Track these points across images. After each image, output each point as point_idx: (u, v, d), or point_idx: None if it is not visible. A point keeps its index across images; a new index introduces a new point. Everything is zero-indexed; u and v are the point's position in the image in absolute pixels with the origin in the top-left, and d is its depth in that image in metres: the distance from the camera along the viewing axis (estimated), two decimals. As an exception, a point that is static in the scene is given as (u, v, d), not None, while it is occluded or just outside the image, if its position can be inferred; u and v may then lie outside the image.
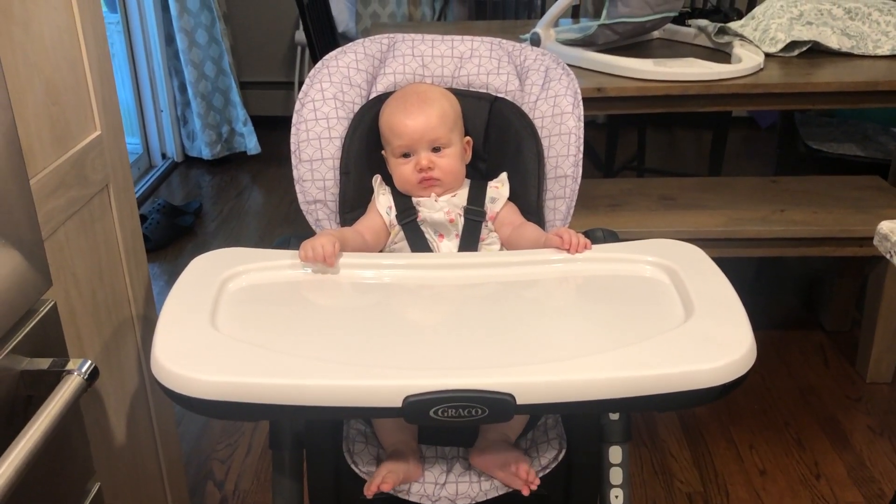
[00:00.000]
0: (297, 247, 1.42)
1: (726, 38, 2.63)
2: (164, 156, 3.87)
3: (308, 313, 1.21)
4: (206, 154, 3.82)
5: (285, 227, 3.30)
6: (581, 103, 1.50)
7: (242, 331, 1.13)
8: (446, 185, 1.48)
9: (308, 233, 1.50)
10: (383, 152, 1.53)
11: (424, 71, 1.59)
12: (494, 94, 1.57)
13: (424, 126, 1.44)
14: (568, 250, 1.31)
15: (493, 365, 1.02)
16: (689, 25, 2.80)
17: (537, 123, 1.51)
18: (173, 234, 3.25)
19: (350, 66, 1.55)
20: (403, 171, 1.47)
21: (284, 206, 3.45)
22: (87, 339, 1.53)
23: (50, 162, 1.41)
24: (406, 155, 1.47)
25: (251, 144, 3.84)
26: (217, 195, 3.71)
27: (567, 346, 1.09)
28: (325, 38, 2.99)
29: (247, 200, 3.63)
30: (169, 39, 3.69)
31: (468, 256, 1.37)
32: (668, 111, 2.54)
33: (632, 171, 3.49)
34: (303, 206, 1.50)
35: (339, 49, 1.57)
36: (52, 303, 1.19)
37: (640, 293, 1.23)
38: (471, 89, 1.58)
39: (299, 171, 1.50)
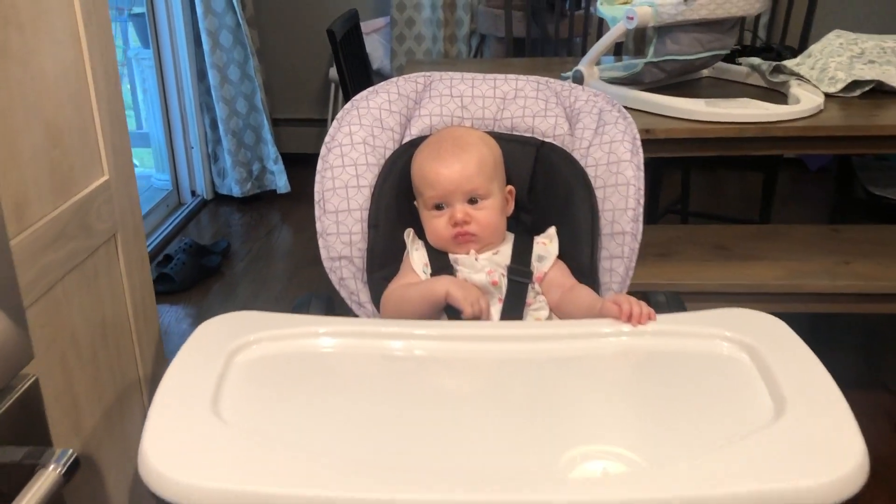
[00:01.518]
0: (318, 308, 1.25)
1: (782, 78, 2.43)
2: (193, 193, 3.74)
3: (326, 395, 1.03)
4: (236, 192, 3.68)
5: (313, 269, 3.12)
6: (640, 150, 1.31)
7: (249, 418, 0.95)
8: (484, 241, 1.30)
9: (331, 291, 1.33)
10: (416, 202, 1.35)
11: (464, 113, 1.41)
12: (541, 138, 1.39)
13: (460, 175, 1.26)
14: (628, 321, 1.12)
15: (535, 477, 0.83)
16: (740, 63, 2.61)
17: (590, 172, 1.33)
18: (199, 275, 3.09)
19: (382, 107, 1.38)
20: (436, 224, 1.29)
21: (313, 247, 3.27)
22: (86, 406, 1.36)
23: (48, 211, 1.25)
24: (439, 207, 1.30)
25: (281, 183, 3.70)
26: (246, 234, 3.56)
27: (627, 446, 0.89)
28: (358, 76, 2.84)
29: (276, 240, 3.48)
30: (201, 75, 3.58)
31: (512, 327, 1.18)
32: (721, 155, 2.35)
33: (675, 215, 3.29)
34: (326, 263, 1.32)
35: (370, 89, 1.40)
36: (33, 378, 1.02)
37: (716, 378, 1.04)
38: (515, 133, 1.40)
39: (323, 223, 1.32)
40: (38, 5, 1.23)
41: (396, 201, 1.35)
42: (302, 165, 3.83)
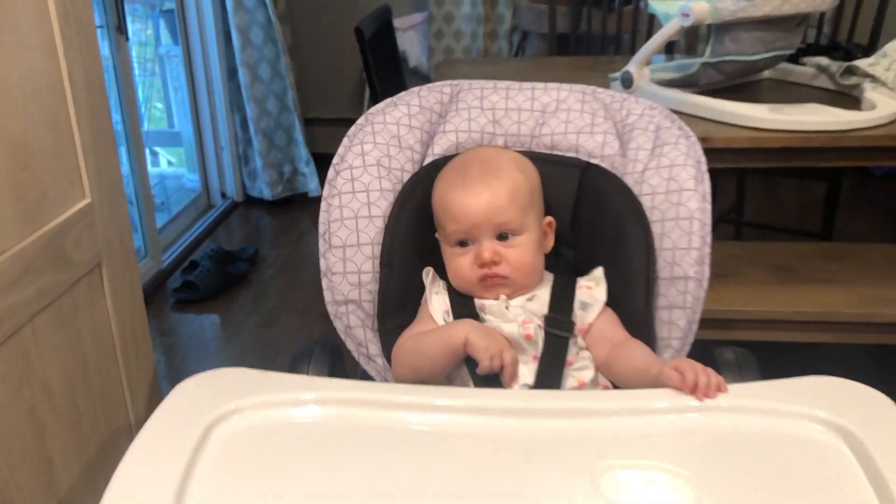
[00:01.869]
0: (321, 361, 1.04)
1: (854, 80, 2.17)
2: (223, 195, 3.57)
3: (320, 485, 0.82)
4: (266, 194, 3.51)
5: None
6: (707, 177, 1.08)
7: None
8: (517, 285, 1.08)
9: (336, 338, 1.12)
10: (437, 235, 1.13)
11: (496, 128, 1.19)
12: (587, 159, 1.17)
13: (488, 206, 1.05)
14: (692, 393, 0.89)
15: None
16: (805, 64, 2.34)
17: (646, 202, 1.10)
18: (225, 283, 2.91)
19: (401, 121, 1.17)
20: (460, 264, 1.08)
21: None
22: (62, 463, 1.18)
23: (12, 244, 1.06)
24: (464, 243, 1.08)
25: (313, 185, 3.51)
26: (276, 239, 3.38)
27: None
28: (390, 76, 2.64)
29: (306, 246, 3.29)
30: (231, 73, 3.40)
31: (548, 398, 0.95)
32: (786, 166, 2.10)
33: (727, 225, 3.02)
34: (330, 308, 1.11)
35: (388, 101, 1.19)
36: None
37: (806, 471, 0.81)
38: (555, 152, 1.18)
39: (328, 259, 1.12)
40: (1, 5, 1.04)
41: (415, 235, 1.14)
42: (335, 167, 3.66)
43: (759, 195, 3.54)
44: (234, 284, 2.94)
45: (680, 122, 1.15)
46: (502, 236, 1.07)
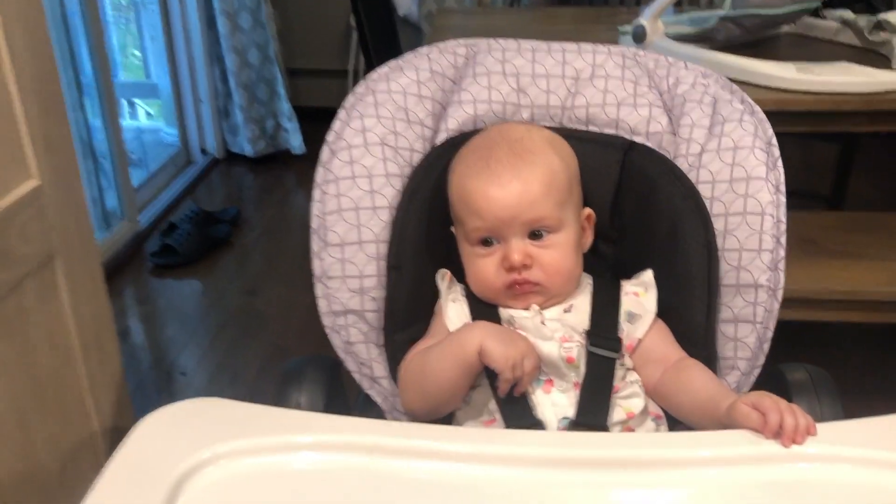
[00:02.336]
0: (316, 381, 0.85)
1: (884, 36, 1.95)
2: (203, 151, 3.33)
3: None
4: (248, 151, 3.27)
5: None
6: (780, 163, 0.88)
7: None
8: (551, 293, 0.88)
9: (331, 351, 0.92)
10: (454, 229, 0.93)
11: (521, 98, 0.98)
12: (629, 136, 0.96)
13: (519, 199, 0.85)
14: (774, 437, 0.71)
15: None
16: (826, 17, 2.13)
17: (704, 192, 0.90)
18: (206, 247, 2.70)
19: (409, 90, 0.96)
20: (482, 267, 0.88)
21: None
22: (11, 491, 0.98)
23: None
24: (488, 242, 0.88)
25: (296, 143, 3.27)
26: (259, 199, 3.16)
27: None
28: (380, 25, 2.39)
29: (292, 206, 3.08)
30: (210, 23, 3.13)
31: (594, 443, 0.75)
32: (814, 131, 1.91)
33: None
34: (326, 320, 0.91)
35: (392, 63, 0.98)
36: None
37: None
38: (592, 128, 0.97)
39: (323, 261, 0.91)
40: None
41: (428, 229, 0.94)
42: (320, 122, 3.39)
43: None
44: (215, 248, 2.73)
45: (742, 93, 0.94)
46: (535, 234, 0.87)
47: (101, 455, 1.14)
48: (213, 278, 2.60)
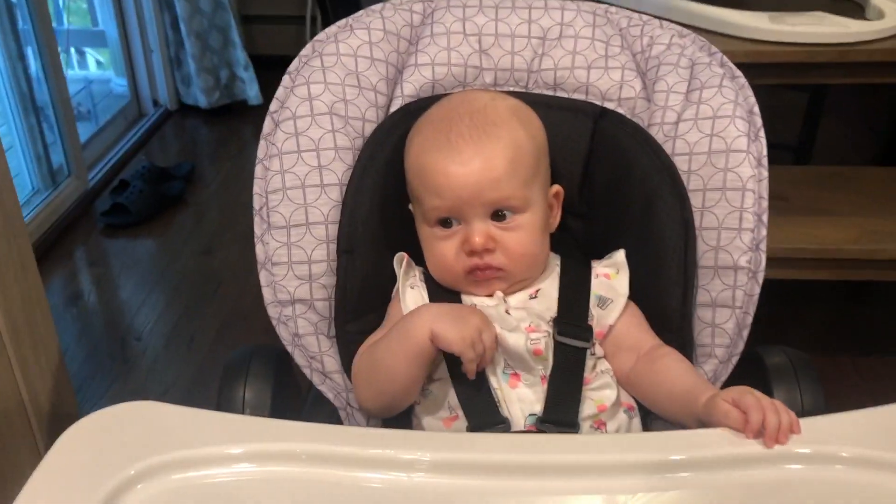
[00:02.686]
0: (262, 377, 0.77)
1: (858, -17, 1.88)
2: (155, 103, 3.17)
3: None
4: (202, 102, 3.12)
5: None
6: (762, 133, 0.81)
7: None
8: (515, 278, 0.81)
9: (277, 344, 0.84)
10: (411, 207, 0.85)
11: (483, 60, 0.90)
12: (600, 102, 0.88)
13: (480, 176, 0.77)
14: (756, 437, 0.65)
15: None
16: (796, -39, 2.04)
17: (681, 165, 0.83)
18: (159, 205, 2.58)
19: (359, 52, 0.87)
20: (441, 250, 0.81)
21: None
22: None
23: None
24: (447, 223, 0.80)
25: (253, 93, 3.13)
26: (214, 152, 3.03)
27: None
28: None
29: (249, 160, 2.95)
30: (158, -35, 2.96)
31: (564, 446, 0.68)
32: (784, 83, 1.84)
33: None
34: (271, 311, 0.83)
35: (340, 23, 0.88)
36: None
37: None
38: (560, 94, 0.89)
39: (267, 245, 0.83)
40: None
41: (382, 208, 0.86)
42: (277, 71, 3.24)
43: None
44: (169, 206, 2.61)
45: (722, 55, 0.87)
46: (498, 215, 0.79)
47: (40, 444, 1.07)
48: (168, 238, 2.49)
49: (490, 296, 0.81)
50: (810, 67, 1.64)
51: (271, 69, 3.17)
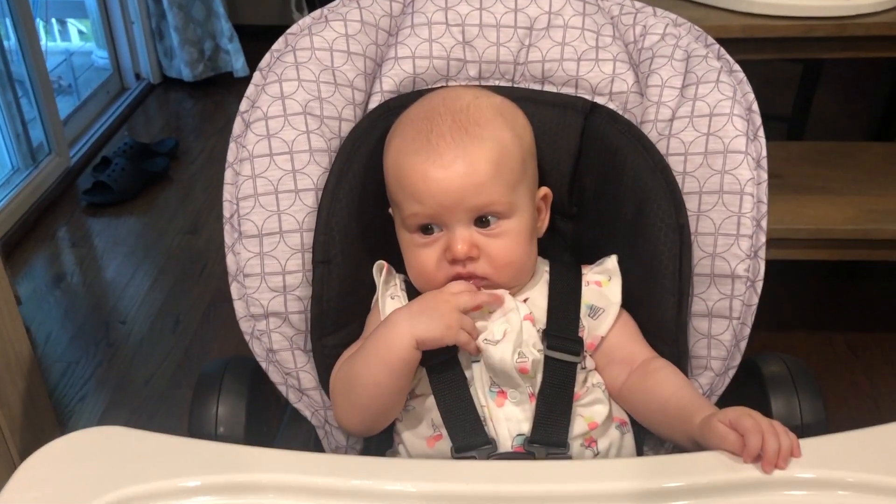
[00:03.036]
0: (235, 392, 0.74)
1: (856, -48, 1.82)
2: (138, 76, 3.09)
3: None
4: (186, 75, 3.04)
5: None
6: (762, 132, 0.77)
7: None
8: (501, 287, 0.77)
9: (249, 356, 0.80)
10: (391, 211, 0.80)
11: (466, 53, 0.85)
12: (590, 97, 0.83)
13: (463, 182, 0.73)
14: (754, 461, 0.62)
15: None
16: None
17: (676, 166, 0.78)
18: (142, 182, 2.52)
19: (335, 45, 0.82)
20: (422, 259, 0.76)
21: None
22: None
23: None
24: (428, 230, 0.76)
25: (238, 64, 3.05)
26: (199, 127, 2.96)
27: None
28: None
29: (234, 134, 2.89)
30: (137, -67, 2.86)
31: (554, 474, 0.64)
32: (779, 58, 1.79)
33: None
34: (244, 325, 0.78)
35: (315, 14, 0.83)
36: None
37: None
38: (548, 89, 0.84)
39: (238, 255, 0.78)
40: None
41: (360, 215, 0.81)
42: (264, 42, 3.16)
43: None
44: (152, 183, 2.56)
45: (719, 47, 0.81)
46: (482, 221, 0.75)
47: (13, 451, 1.03)
48: (152, 216, 2.44)
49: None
50: (808, 41, 1.60)
51: (257, 40, 3.09)
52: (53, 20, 3.26)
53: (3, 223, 2.19)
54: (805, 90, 2.44)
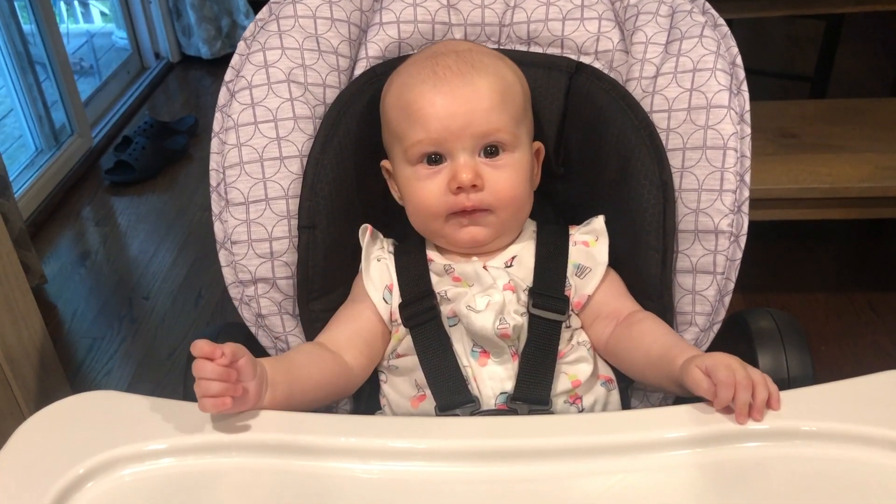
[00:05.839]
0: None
1: None
2: (157, 55, 3.12)
3: None
4: (205, 53, 3.06)
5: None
6: (745, 86, 0.76)
7: None
8: (499, 228, 0.77)
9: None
10: (385, 165, 0.81)
11: (451, 15, 0.85)
12: (575, 57, 0.83)
13: (470, 106, 0.73)
14: (727, 413, 0.62)
15: None
16: None
17: (659, 122, 0.78)
18: (163, 160, 2.55)
19: (319, 12, 0.82)
20: (425, 190, 0.76)
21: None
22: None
23: None
24: (434, 159, 0.75)
25: (255, 41, 3.06)
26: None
27: None
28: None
29: (253, 110, 2.90)
30: None
31: (532, 428, 0.65)
32: (797, 14, 1.76)
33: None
34: (233, 291, 0.80)
35: (298, -20, 0.83)
36: None
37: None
38: (534, 49, 0.84)
39: (226, 223, 0.80)
40: None
41: (345, 181, 0.81)
42: (279, 16, 3.18)
43: (745, 29, 3.15)
44: (173, 161, 2.58)
45: (704, 2, 0.80)
46: (488, 151, 0.75)
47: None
48: (173, 194, 2.47)
49: (468, 260, 0.78)
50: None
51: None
52: (76, 2, 3.29)
53: (28, 204, 2.24)
54: (827, 48, 2.38)
